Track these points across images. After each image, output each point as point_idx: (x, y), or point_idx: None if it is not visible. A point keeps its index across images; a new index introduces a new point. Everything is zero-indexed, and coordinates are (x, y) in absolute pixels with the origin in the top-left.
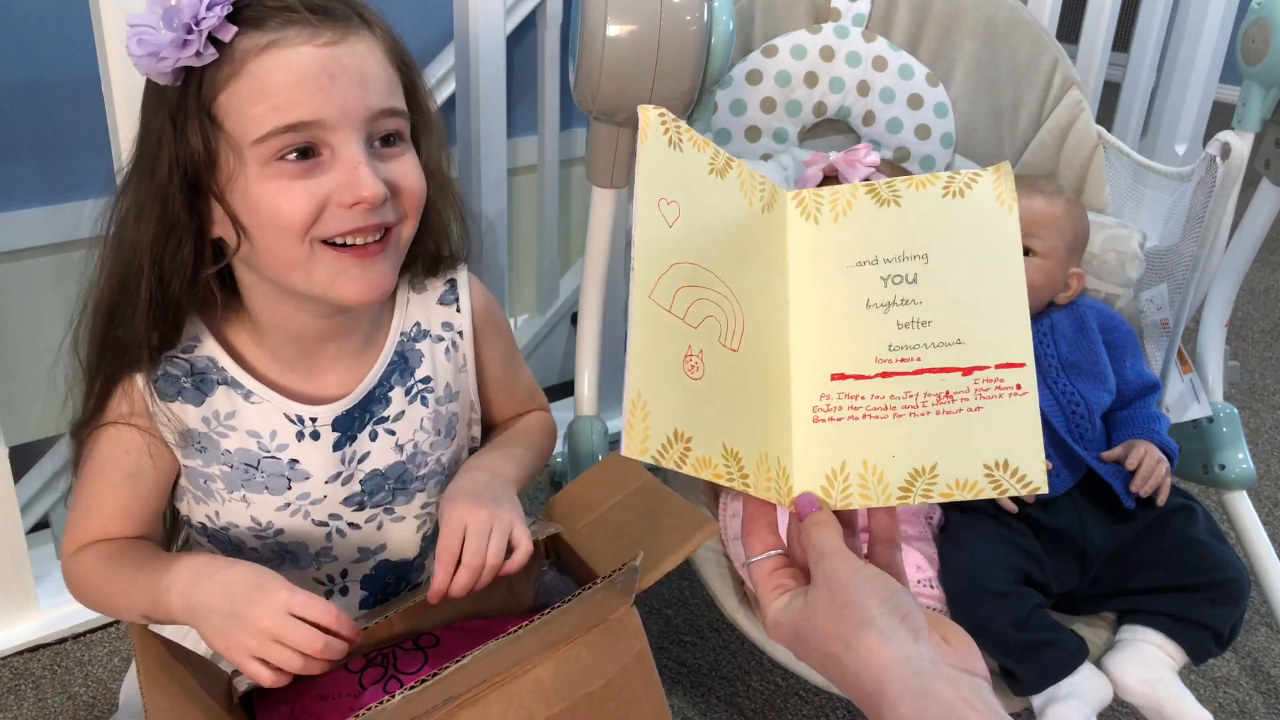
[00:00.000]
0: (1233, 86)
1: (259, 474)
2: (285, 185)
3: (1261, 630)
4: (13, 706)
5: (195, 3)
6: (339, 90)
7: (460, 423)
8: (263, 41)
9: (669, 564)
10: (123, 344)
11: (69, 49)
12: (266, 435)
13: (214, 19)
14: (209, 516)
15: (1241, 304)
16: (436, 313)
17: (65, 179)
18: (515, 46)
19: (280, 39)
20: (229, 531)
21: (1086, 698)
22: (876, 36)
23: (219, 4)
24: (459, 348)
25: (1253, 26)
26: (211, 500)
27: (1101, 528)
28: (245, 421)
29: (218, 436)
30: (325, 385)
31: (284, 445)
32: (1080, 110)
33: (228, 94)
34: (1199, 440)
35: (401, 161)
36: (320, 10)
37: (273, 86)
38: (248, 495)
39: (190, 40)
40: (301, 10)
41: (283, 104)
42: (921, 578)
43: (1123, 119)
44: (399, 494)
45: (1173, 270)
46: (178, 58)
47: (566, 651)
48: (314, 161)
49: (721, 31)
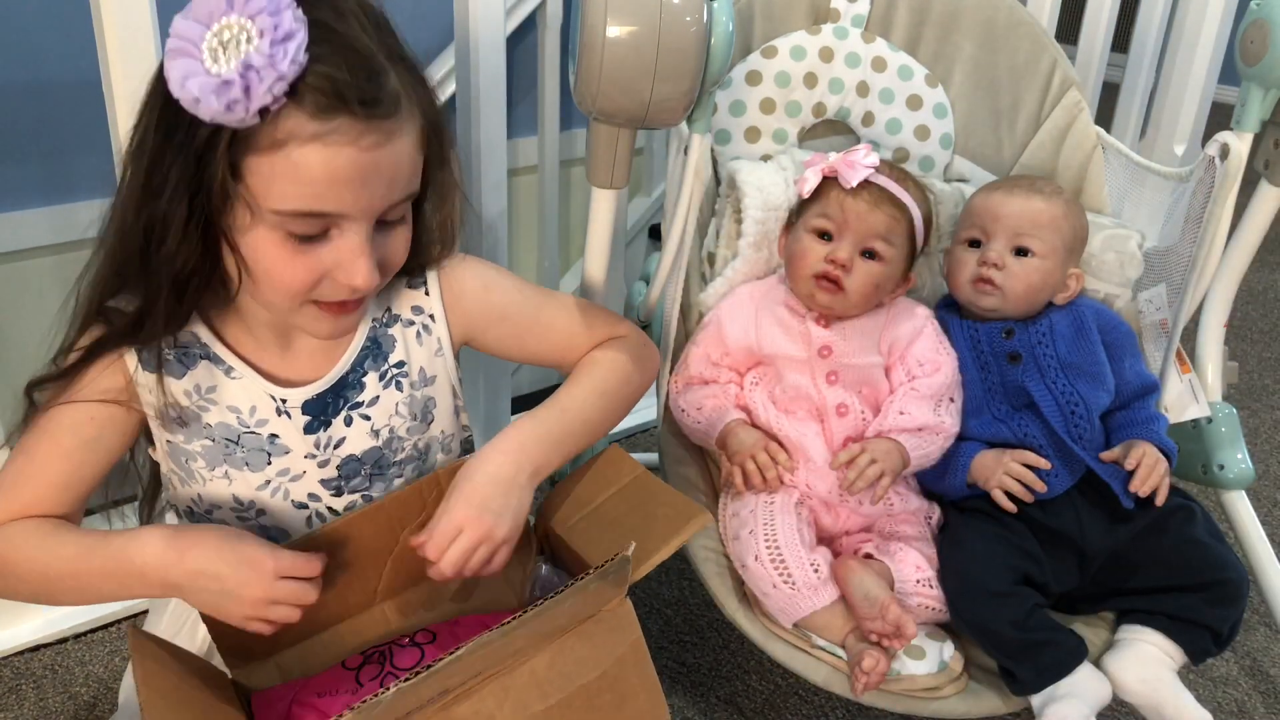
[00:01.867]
0: (1232, 87)
1: (239, 449)
2: (290, 255)
3: (1260, 630)
4: (13, 706)
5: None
6: (368, 191)
7: (440, 408)
8: (309, 130)
9: (662, 554)
10: (125, 327)
11: (69, 50)
12: (246, 410)
13: (274, 95)
14: (193, 500)
15: (1240, 304)
16: (405, 297)
17: (65, 179)
18: (515, 47)
19: (327, 135)
20: (212, 515)
21: (1085, 697)
22: (875, 37)
23: (284, 81)
24: (431, 331)
25: (1251, 27)
26: (194, 481)
27: (1100, 528)
28: (226, 396)
29: (199, 410)
30: (299, 368)
31: (264, 420)
32: (1079, 111)
33: (261, 160)
34: (1198, 440)
35: (395, 236)
36: (370, 102)
37: (308, 177)
38: (229, 472)
39: (234, 111)
40: (353, 103)
41: (312, 195)
42: (920, 577)
43: (1122, 119)
44: (376, 479)
45: (1171, 271)
46: (226, 113)
47: (561, 643)
48: (321, 239)
49: (721, 32)
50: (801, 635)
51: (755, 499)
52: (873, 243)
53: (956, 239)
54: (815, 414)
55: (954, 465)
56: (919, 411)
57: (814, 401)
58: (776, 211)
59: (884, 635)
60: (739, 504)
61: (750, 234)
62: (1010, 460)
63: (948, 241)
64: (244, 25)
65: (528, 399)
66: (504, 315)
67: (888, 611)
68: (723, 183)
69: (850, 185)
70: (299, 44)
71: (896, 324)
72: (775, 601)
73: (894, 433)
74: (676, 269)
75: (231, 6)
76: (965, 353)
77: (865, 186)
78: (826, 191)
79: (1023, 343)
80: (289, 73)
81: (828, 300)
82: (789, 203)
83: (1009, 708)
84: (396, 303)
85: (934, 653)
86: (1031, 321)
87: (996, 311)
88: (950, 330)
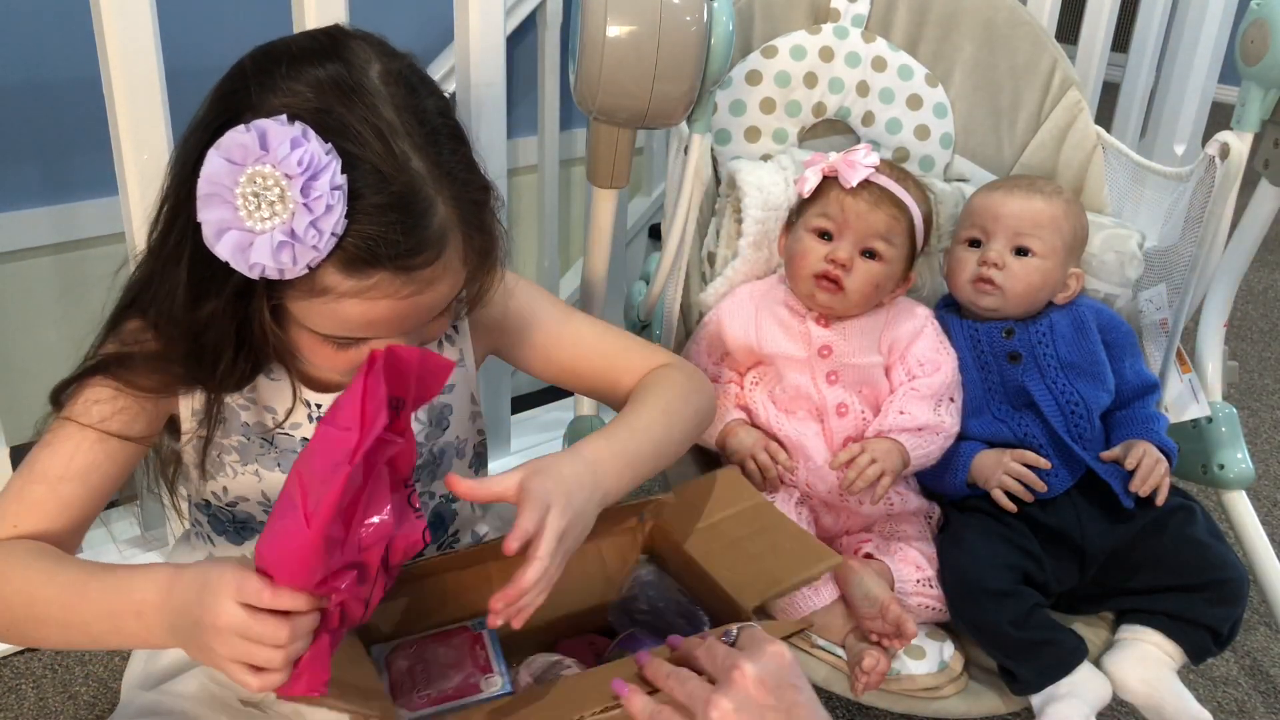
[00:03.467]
0: (1232, 87)
1: (272, 449)
2: (326, 354)
3: (1260, 630)
4: (14, 706)
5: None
6: (409, 323)
7: (456, 414)
8: (347, 286)
9: (787, 586)
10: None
11: (69, 49)
12: (282, 412)
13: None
14: (215, 493)
15: (1240, 304)
16: None
17: (66, 179)
18: (515, 47)
19: (367, 292)
20: (235, 507)
21: (1086, 697)
22: (876, 37)
23: (321, 255)
24: (454, 343)
25: (1251, 27)
26: (222, 474)
27: (1100, 527)
28: (263, 396)
29: (238, 408)
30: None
31: (297, 424)
32: (1079, 111)
33: (298, 303)
34: (1198, 440)
35: (433, 327)
36: (411, 252)
37: (346, 321)
38: (260, 471)
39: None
40: (391, 262)
41: (346, 330)
42: (920, 577)
43: (1122, 119)
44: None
45: (1171, 270)
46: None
47: None
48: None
49: (721, 32)
50: (802, 635)
51: None
52: (873, 242)
53: (956, 239)
54: (815, 414)
55: (954, 465)
56: (919, 411)
57: (814, 401)
58: (776, 211)
59: (884, 635)
60: None
61: (750, 234)
62: (1010, 460)
63: (948, 241)
64: (279, 181)
65: (527, 399)
66: (527, 324)
67: (888, 611)
68: (723, 183)
69: (850, 185)
70: (337, 218)
71: (896, 324)
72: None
73: (894, 432)
74: (676, 269)
75: (267, 150)
76: (965, 352)
77: (865, 186)
78: (826, 191)
79: (1023, 342)
80: (326, 247)
81: (828, 300)
82: (789, 202)
83: (1009, 707)
84: None
85: (934, 652)
86: (1031, 321)
87: (996, 311)
88: (950, 330)
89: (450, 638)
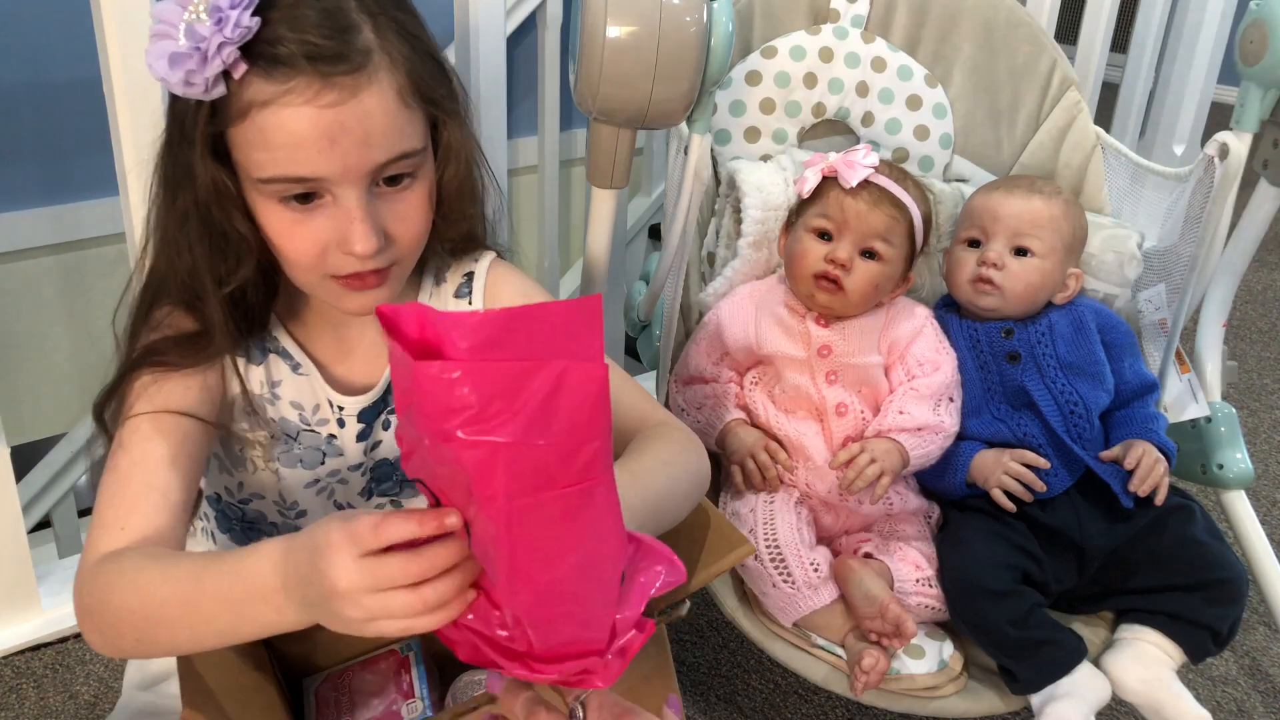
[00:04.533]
0: (1231, 87)
1: (298, 445)
2: (289, 226)
3: (1259, 629)
4: (14, 705)
5: (215, 44)
6: (339, 152)
7: None
8: (268, 93)
9: (700, 580)
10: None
11: (70, 50)
12: (309, 409)
13: (222, 60)
14: (228, 488)
15: (1240, 304)
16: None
17: (66, 179)
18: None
19: (284, 95)
20: (248, 504)
21: (1085, 697)
22: (875, 37)
23: (230, 45)
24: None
25: (1250, 27)
26: (240, 469)
27: (1100, 527)
28: (290, 392)
29: (266, 402)
30: (356, 371)
31: (324, 420)
32: (1079, 111)
33: (234, 131)
34: (1197, 440)
35: (403, 204)
36: (331, 57)
37: (274, 142)
38: (281, 470)
39: (194, 83)
40: (311, 61)
41: (282, 159)
42: (920, 577)
43: (1121, 120)
44: (407, 486)
45: (1171, 270)
46: (187, 86)
47: None
48: (315, 204)
49: (721, 32)
50: (801, 634)
51: (755, 498)
52: (872, 242)
53: (956, 239)
54: (815, 413)
55: (953, 465)
56: (918, 411)
57: (813, 401)
58: (776, 211)
59: (884, 634)
60: (738, 503)
61: (750, 234)
62: (1010, 460)
63: (947, 241)
64: None
65: None
66: None
67: (887, 610)
68: (723, 183)
69: (850, 185)
70: (244, 6)
71: (896, 324)
72: (775, 601)
73: (893, 432)
74: (676, 269)
75: None
76: (965, 352)
77: (865, 186)
78: (826, 191)
79: (1022, 342)
80: (234, 36)
81: (827, 300)
82: (789, 203)
83: (1008, 707)
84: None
85: (933, 652)
86: (1031, 321)
87: (996, 311)
88: (950, 330)
89: (377, 663)
